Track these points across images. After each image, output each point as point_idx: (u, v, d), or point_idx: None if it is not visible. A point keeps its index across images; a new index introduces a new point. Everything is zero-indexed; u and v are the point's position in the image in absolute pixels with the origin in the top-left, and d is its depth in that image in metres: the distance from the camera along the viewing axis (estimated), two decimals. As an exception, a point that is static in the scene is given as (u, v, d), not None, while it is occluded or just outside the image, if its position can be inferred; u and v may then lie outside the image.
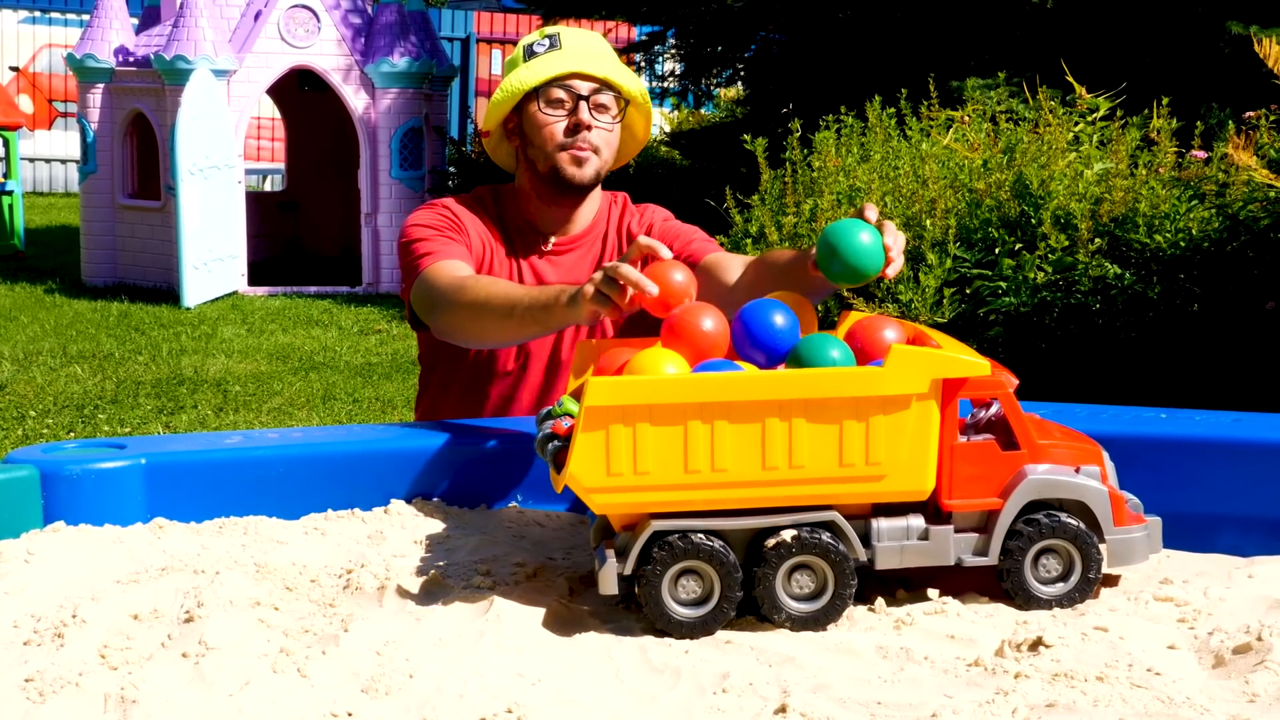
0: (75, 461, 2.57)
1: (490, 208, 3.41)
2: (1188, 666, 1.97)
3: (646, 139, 3.43)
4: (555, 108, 3.23)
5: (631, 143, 3.42)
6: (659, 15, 12.48)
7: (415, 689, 1.91)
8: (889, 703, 1.87)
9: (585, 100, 3.22)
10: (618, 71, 3.25)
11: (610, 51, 3.34)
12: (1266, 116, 5.37)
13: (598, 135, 3.25)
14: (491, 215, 3.40)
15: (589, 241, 3.42)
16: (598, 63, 3.23)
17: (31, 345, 9.78)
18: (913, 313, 5.09)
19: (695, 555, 2.12)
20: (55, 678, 1.90)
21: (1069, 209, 5.22)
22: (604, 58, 3.27)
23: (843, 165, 5.91)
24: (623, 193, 3.53)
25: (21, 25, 22.32)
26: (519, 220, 3.40)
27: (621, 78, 3.25)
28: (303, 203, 14.89)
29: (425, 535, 2.53)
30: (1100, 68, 6.94)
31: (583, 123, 3.22)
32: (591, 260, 3.40)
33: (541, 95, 3.23)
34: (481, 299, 2.98)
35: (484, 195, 3.44)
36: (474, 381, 3.37)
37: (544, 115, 3.24)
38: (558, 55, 3.23)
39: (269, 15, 12.46)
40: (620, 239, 3.43)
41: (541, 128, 3.25)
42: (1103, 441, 2.36)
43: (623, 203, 3.50)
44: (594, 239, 3.43)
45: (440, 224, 3.29)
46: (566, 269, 3.37)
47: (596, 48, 3.30)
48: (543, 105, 3.23)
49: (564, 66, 3.20)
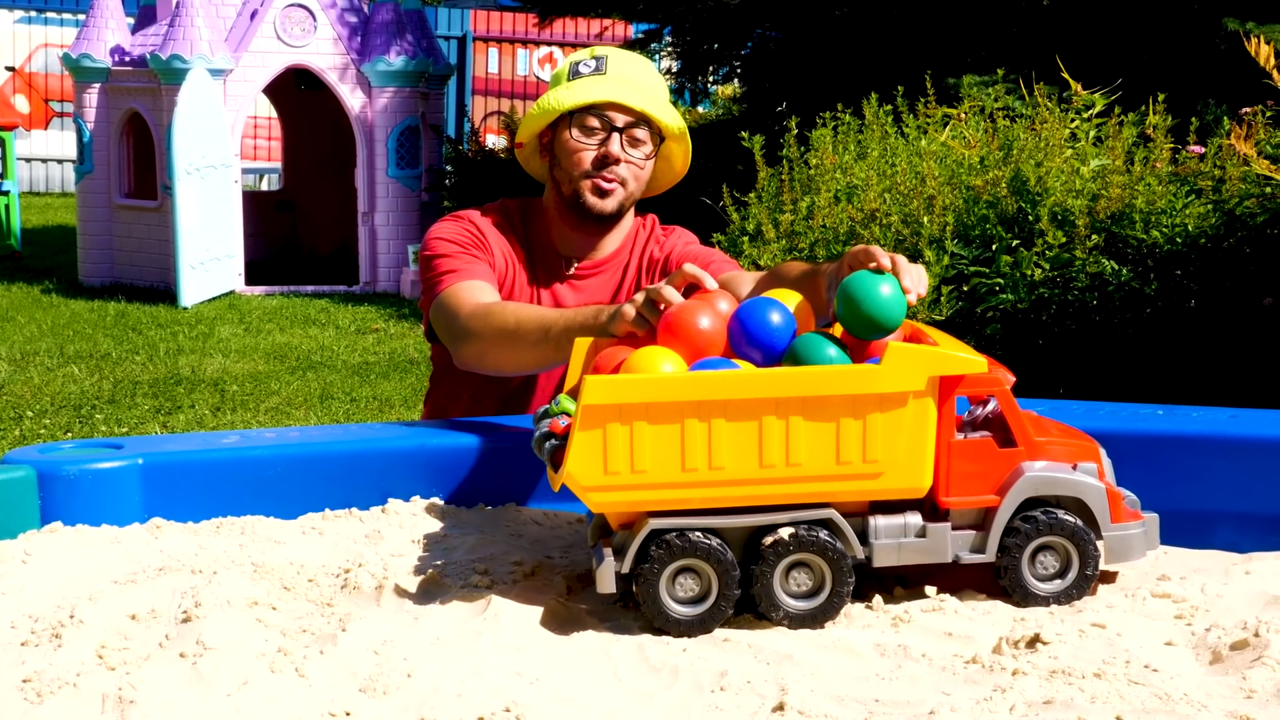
0: (72, 462, 2.57)
1: (516, 224, 3.36)
2: (1185, 663, 1.97)
3: (684, 172, 3.35)
4: (588, 135, 3.18)
5: (668, 174, 3.35)
6: (655, 13, 12.48)
7: (413, 688, 1.91)
8: (887, 700, 1.87)
9: (620, 132, 3.17)
10: (657, 105, 3.19)
11: (658, 83, 3.27)
12: (1263, 113, 5.37)
13: (626, 169, 3.20)
14: (517, 232, 3.35)
15: (613, 267, 3.37)
16: (639, 95, 3.16)
17: (28, 345, 9.77)
18: (911, 310, 5.08)
19: (693, 553, 2.12)
20: (53, 678, 1.90)
21: (1066, 206, 5.22)
22: (647, 90, 3.20)
23: (840, 163, 5.90)
24: (652, 215, 3.48)
25: (17, 25, 22.30)
26: (543, 240, 3.36)
27: (660, 112, 3.18)
28: (299, 202, 14.89)
29: (423, 534, 2.53)
30: (1096, 64, 6.94)
31: (611, 155, 3.17)
32: (613, 286, 3.36)
33: (576, 120, 3.17)
34: (512, 325, 2.95)
35: (511, 210, 3.39)
36: (482, 390, 3.34)
37: (575, 141, 3.19)
38: (600, 81, 3.17)
39: (265, 14, 12.45)
40: (642, 264, 3.39)
41: (571, 153, 3.20)
42: (1100, 438, 2.36)
43: (650, 225, 3.44)
44: (618, 265, 3.38)
45: (464, 239, 3.25)
46: (588, 295, 3.33)
47: (642, 78, 3.22)
48: (575, 130, 3.18)
49: (603, 94, 3.14)
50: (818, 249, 5.55)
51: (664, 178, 3.35)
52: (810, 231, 5.63)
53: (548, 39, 21.09)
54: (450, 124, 18.20)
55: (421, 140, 13.02)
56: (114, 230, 12.69)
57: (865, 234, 5.43)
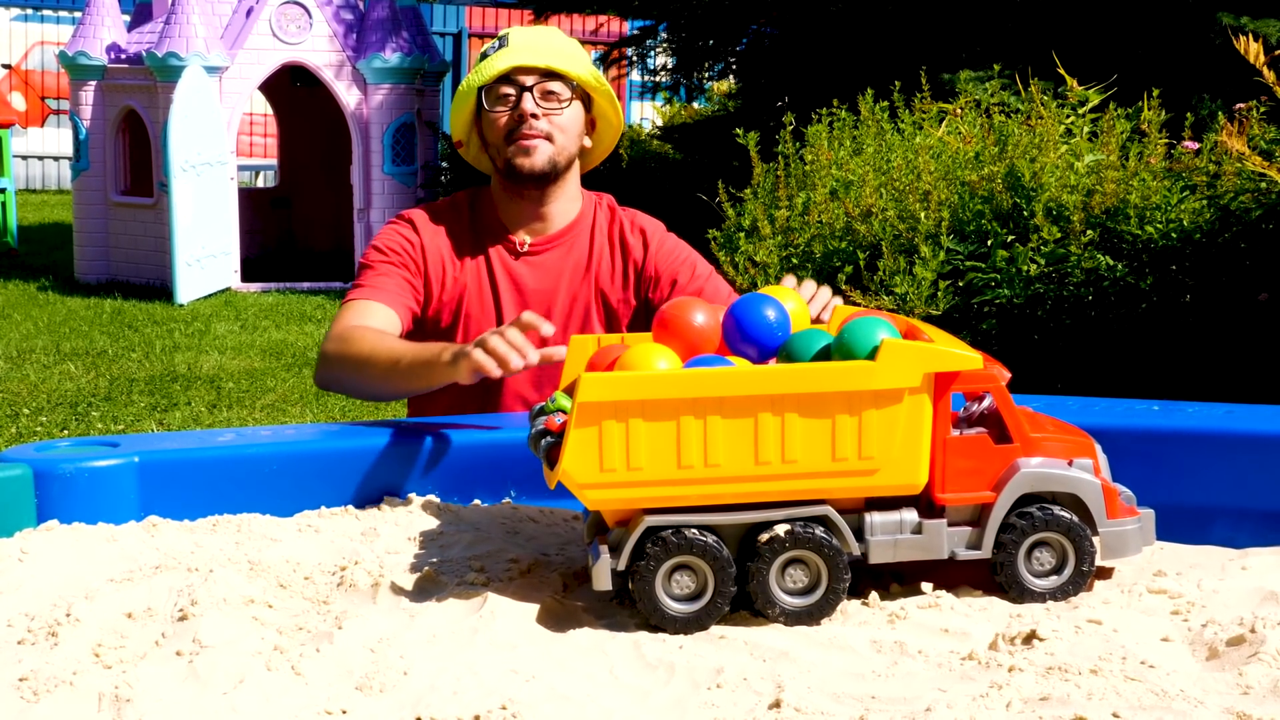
0: (68, 460, 2.57)
1: (465, 214, 3.44)
2: (1181, 659, 1.97)
3: (620, 123, 3.44)
4: (502, 103, 3.28)
5: (608, 130, 3.44)
6: (650, 9, 12.47)
7: (409, 686, 1.91)
8: (883, 697, 1.87)
9: (530, 90, 3.26)
10: (563, 58, 3.28)
11: (563, 43, 3.37)
12: (1257, 108, 5.37)
13: (546, 122, 3.28)
14: (465, 222, 3.42)
15: (568, 241, 3.41)
16: (541, 54, 3.27)
17: (25, 343, 9.77)
18: (908, 305, 5.09)
19: (689, 550, 2.12)
20: (49, 677, 1.90)
21: (1061, 201, 5.22)
22: (550, 49, 3.30)
23: (835, 158, 5.91)
24: (607, 195, 3.54)
25: (14, 23, 22.29)
26: (493, 223, 3.42)
27: (567, 63, 3.28)
28: (295, 199, 14.88)
29: (419, 532, 2.53)
30: (1091, 59, 6.94)
31: (525, 111, 3.26)
32: (575, 261, 3.40)
33: (489, 96, 3.29)
34: (365, 352, 3.05)
35: (461, 202, 3.47)
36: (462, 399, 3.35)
37: (492, 113, 3.30)
38: (504, 53, 3.28)
39: (260, 11, 12.44)
40: (612, 245, 3.43)
41: (492, 125, 3.31)
42: (1095, 434, 2.36)
43: (609, 205, 3.50)
44: (574, 238, 3.42)
45: (396, 246, 3.35)
46: (546, 270, 3.38)
47: (544, 41, 3.33)
48: (490, 103, 3.29)
49: (507, 62, 3.25)
50: (814, 245, 5.55)
51: (606, 136, 3.45)
52: (806, 228, 5.63)
53: (543, 35, 21.09)
54: (446, 121, 18.20)
55: (417, 137, 13.01)
56: (110, 227, 12.68)
57: (862, 229, 5.43)
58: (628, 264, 3.41)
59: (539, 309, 3.32)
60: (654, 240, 3.43)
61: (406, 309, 3.31)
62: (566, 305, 3.37)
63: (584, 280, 3.40)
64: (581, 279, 3.39)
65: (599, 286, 3.40)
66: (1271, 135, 5.27)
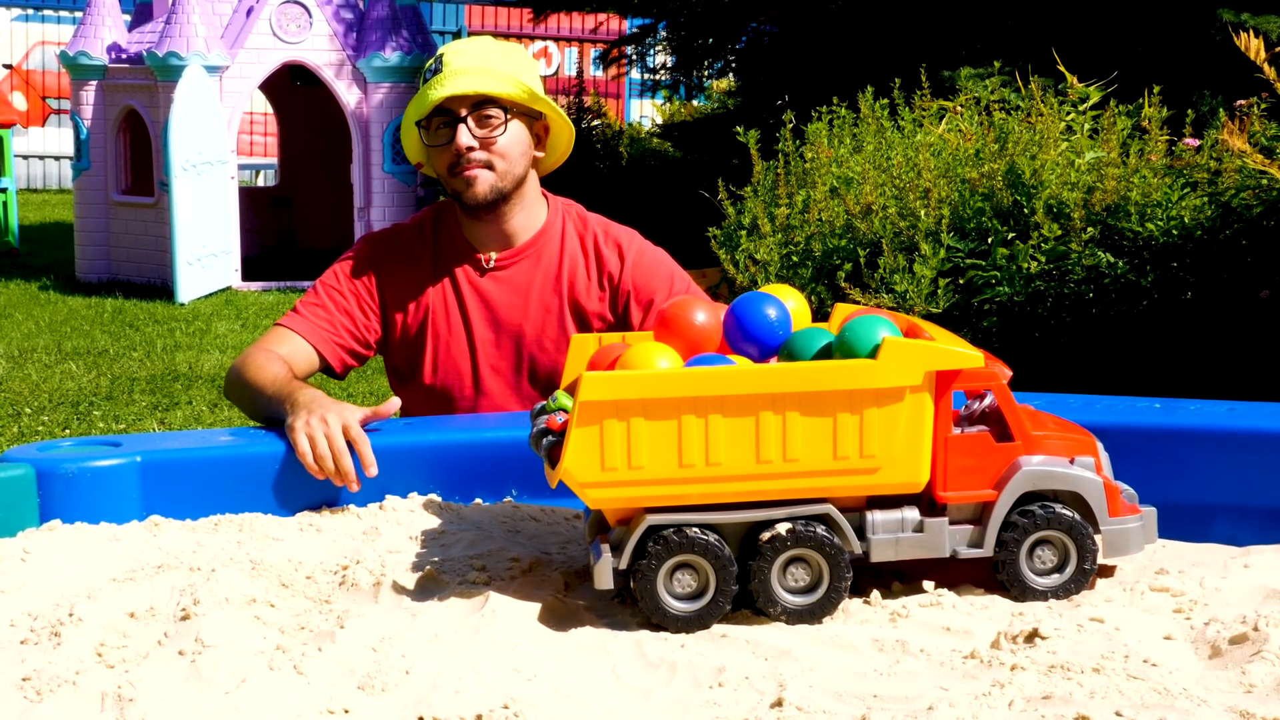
0: (71, 460, 2.57)
1: (429, 235, 3.42)
2: (1184, 657, 1.97)
3: (569, 125, 3.35)
4: (439, 137, 3.24)
5: (561, 133, 3.37)
6: (650, 8, 12.47)
7: (411, 685, 1.91)
8: (885, 695, 1.88)
9: (464, 121, 3.21)
10: (493, 80, 3.20)
11: (498, 58, 3.26)
12: (1258, 105, 5.36)
13: (483, 152, 3.23)
14: (429, 244, 3.40)
15: (535, 252, 3.37)
16: (472, 78, 3.19)
17: (26, 342, 9.77)
18: (908, 303, 5.09)
19: (690, 549, 2.12)
20: (52, 676, 1.90)
21: (1061, 198, 5.21)
22: (482, 70, 3.21)
23: (835, 156, 5.90)
24: (575, 203, 3.49)
25: (15, 23, 22.29)
26: (458, 242, 3.40)
27: (498, 85, 3.19)
28: (295, 198, 14.87)
29: (420, 531, 2.53)
30: (1092, 56, 6.94)
31: (460, 146, 3.21)
32: (544, 271, 3.36)
33: (427, 127, 3.25)
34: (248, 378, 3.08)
35: (425, 221, 3.45)
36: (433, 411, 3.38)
37: (431, 149, 3.27)
38: (436, 82, 3.20)
39: (261, 11, 12.44)
40: (585, 254, 3.38)
41: (434, 158, 3.28)
42: (1097, 432, 2.36)
43: (578, 214, 3.45)
44: (542, 248, 3.37)
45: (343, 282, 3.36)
46: (514, 284, 3.35)
47: (477, 60, 3.23)
48: (429, 138, 3.26)
49: (435, 95, 3.18)
50: (814, 243, 5.55)
51: (560, 140, 3.39)
52: (806, 225, 5.63)
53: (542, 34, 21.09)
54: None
55: (417, 136, 12.99)
56: (111, 227, 12.67)
57: (862, 227, 5.43)
58: (603, 276, 3.36)
59: (509, 323, 3.31)
60: (630, 253, 3.38)
61: (332, 344, 3.30)
62: (539, 316, 3.32)
63: (554, 289, 3.35)
64: (552, 288, 3.35)
65: (573, 295, 3.35)
66: (1272, 132, 5.26)
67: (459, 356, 3.34)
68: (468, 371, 3.34)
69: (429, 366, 3.35)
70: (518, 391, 3.35)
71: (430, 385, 3.36)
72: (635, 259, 3.37)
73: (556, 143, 3.38)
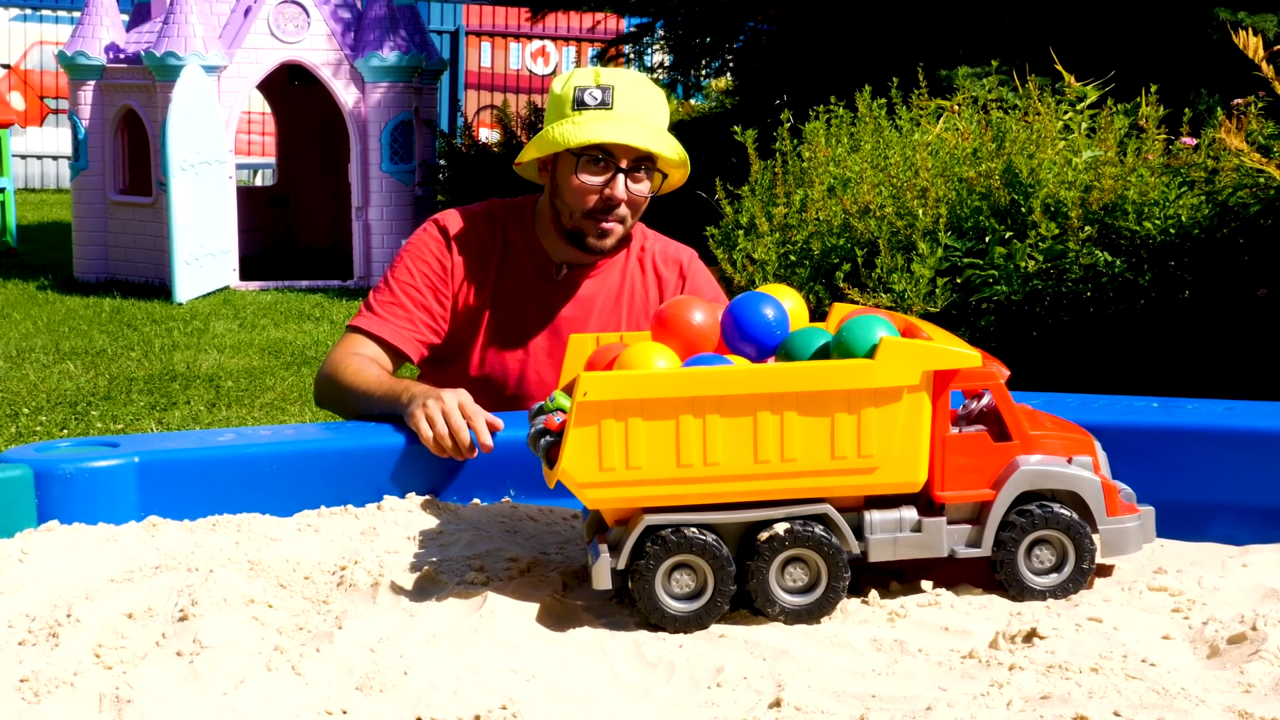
0: (69, 460, 2.57)
1: (499, 231, 3.35)
2: (1182, 657, 1.97)
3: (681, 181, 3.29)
4: (592, 175, 3.14)
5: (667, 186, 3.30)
6: (647, 7, 12.47)
7: (409, 685, 1.91)
8: (883, 695, 1.87)
9: (624, 173, 3.14)
10: (663, 142, 3.14)
11: (662, 113, 3.21)
12: (1255, 103, 5.36)
13: (627, 207, 3.19)
14: (500, 239, 3.34)
15: (604, 271, 3.36)
16: (645, 134, 3.11)
17: (24, 342, 9.76)
18: (906, 303, 5.09)
19: (688, 549, 2.12)
20: (50, 677, 1.90)
21: (1059, 197, 5.21)
22: (652, 126, 3.15)
23: (833, 155, 5.90)
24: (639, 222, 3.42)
25: (13, 23, 22.28)
26: (534, 245, 3.34)
27: (665, 148, 3.13)
28: (293, 197, 14.86)
29: (418, 531, 2.53)
30: (1089, 55, 6.94)
31: (616, 198, 3.15)
32: (608, 289, 3.36)
33: (581, 156, 3.13)
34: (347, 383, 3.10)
35: (498, 214, 3.37)
36: None
37: (579, 181, 3.15)
38: (606, 118, 3.09)
39: (259, 11, 12.44)
40: (644, 274, 3.38)
41: (575, 191, 3.17)
42: (1095, 431, 2.36)
43: (640, 232, 3.42)
44: (609, 268, 3.37)
45: (424, 269, 3.33)
46: (579, 298, 3.34)
47: (647, 112, 3.16)
48: (579, 168, 3.14)
49: (610, 135, 3.07)
50: (812, 242, 5.55)
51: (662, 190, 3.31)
52: (804, 225, 5.63)
53: (540, 33, 21.05)
54: (444, 118, 18.20)
55: (415, 135, 12.99)
56: (109, 226, 12.66)
57: (859, 226, 5.43)
58: (661, 296, 3.36)
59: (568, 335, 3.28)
60: (689, 274, 3.39)
61: (413, 341, 3.28)
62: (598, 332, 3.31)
63: (614, 309, 3.35)
64: (612, 308, 3.35)
65: (631, 313, 3.35)
66: (1270, 130, 5.26)
67: (509, 356, 3.33)
68: (515, 372, 3.33)
69: (476, 359, 3.33)
70: None
71: (474, 377, 3.32)
72: (691, 282, 3.39)
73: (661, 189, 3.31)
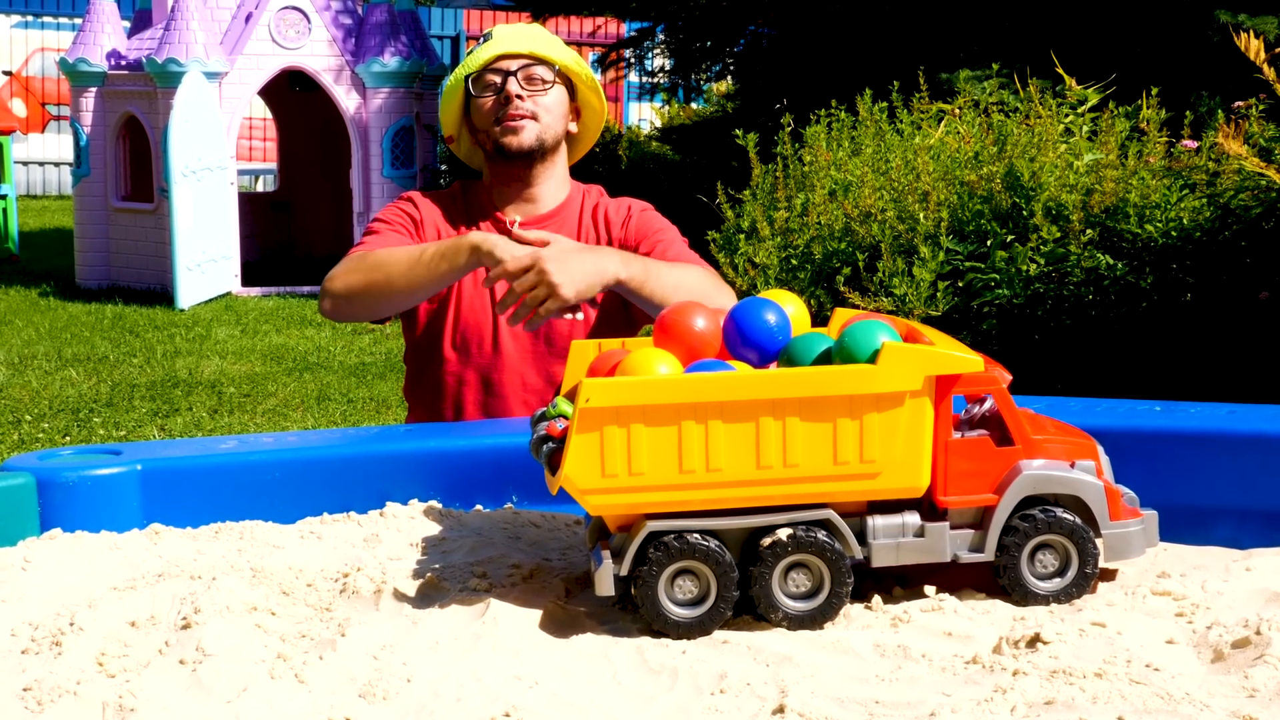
0: (71, 468, 2.57)
1: (459, 199, 3.61)
2: (1187, 662, 1.96)
3: (604, 109, 3.62)
4: (488, 90, 3.46)
5: (593, 117, 3.61)
6: (648, 11, 12.49)
7: (413, 693, 1.91)
8: (887, 701, 1.87)
9: (514, 75, 3.43)
10: (545, 45, 3.47)
11: (546, 35, 3.54)
12: (1256, 106, 5.37)
13: (531, 104, 3.46)
14: (459, 206, 3.59)
15: (556, 222, 3.54)
16: (524, 41, 3.45)
17: (26, 349, 9.77)
18: (907, 306, 5.09)
19: (691, 555, 2.12)
20: (53, 686, 1.90)
21: (1060, 200, 5.22)
22: (533, 37, 3.48)
23: (834, 159, 5.90)
24: (597, 185, 3.68)
25: (14, 30, 22.31)
26: (485, 206, 3.58)
27: (549, 49, 3.46)
28: (295, 203, 14.89)
29: (421, 538, 2.53)
30: (1090, 58, 6.94)
31: (510, 93, 3.43)
32: None
33: (476, 83, 3.47)
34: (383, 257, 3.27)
35: (455, 190, 3.64)
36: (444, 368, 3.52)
37: (479, 99, 3.47)
38: (489, 44, 3.46)
39: (260, 17, 12.46)
40: (596, 225, 3.56)
41: (479, 110, 3.48)
42: (1097, 435, 2.36)
43: (597, 192, 3.64)
44: (563, 220, 3.55)
45: (394, 218, 3.53)
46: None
47: (527, 32, 3.51)
48: (477, 90, 3.47)
49: (491, 51, 3.43)
50: (813, 246, 5.55)
51: (591, 124, 3.64)
52: (805, 229, 5.63)
53: (541, 37, 21.08)
54: (444, 123, 18.17)
55: (416, 140, 13.02)
56: (111, 233, 12.69)
57: (861, 230, 5.43)
58: (611, 239, 3.55)
59: None
60: (635, 214, 3.58)
61: None
62: None
63: None
64: None
65: None
66: (1271, 133, 5.26)
67: (482, 316, 3.50)
68: (489, 333, 3.48)
69: (450, 327, 3.50)
70: (534, 356, 3.48)
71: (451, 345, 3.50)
72: (638, 219, 3.58)
73: (588, 124, 3.63)
